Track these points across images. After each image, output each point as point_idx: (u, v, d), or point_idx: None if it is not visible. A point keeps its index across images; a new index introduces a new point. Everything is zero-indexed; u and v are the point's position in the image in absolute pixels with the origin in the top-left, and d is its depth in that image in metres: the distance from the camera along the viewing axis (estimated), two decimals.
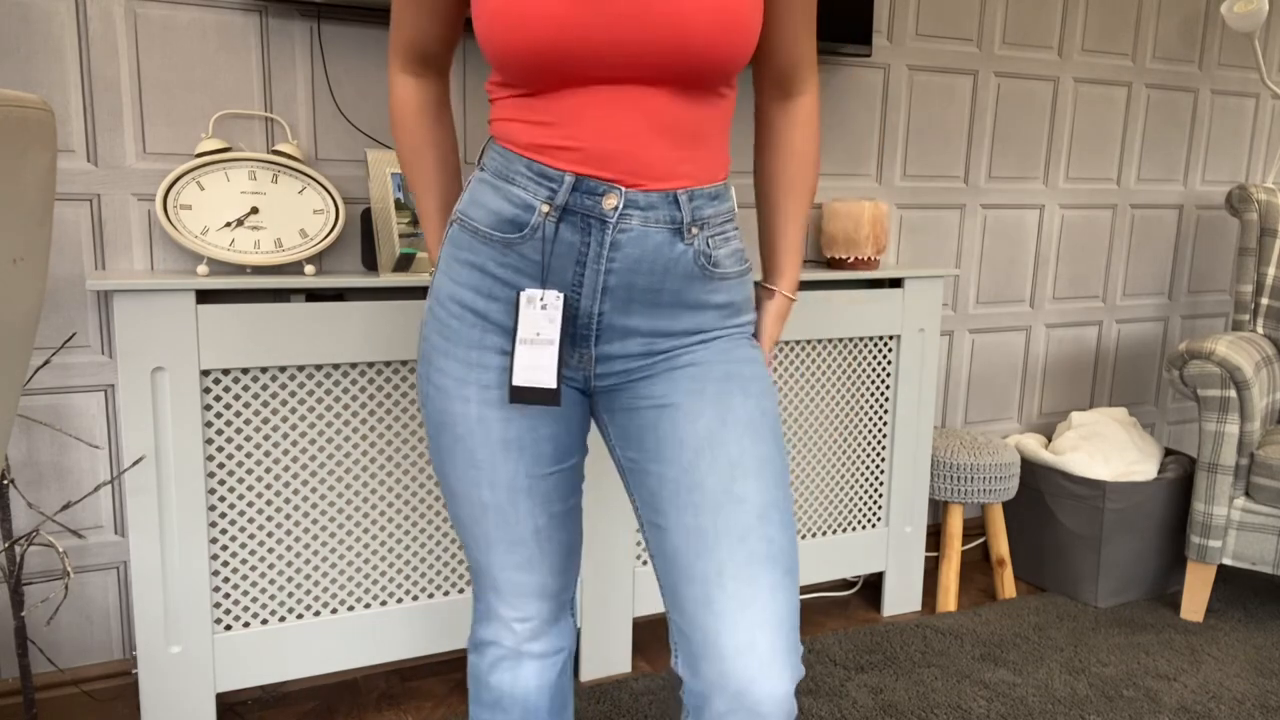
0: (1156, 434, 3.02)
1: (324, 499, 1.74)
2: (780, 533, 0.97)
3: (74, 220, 1.67)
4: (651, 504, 1.02)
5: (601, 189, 0.95)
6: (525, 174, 0.97)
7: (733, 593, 0.94)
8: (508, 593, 1.10)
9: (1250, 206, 2.49)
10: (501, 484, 1.04)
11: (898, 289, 2.16)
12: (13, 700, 1.72)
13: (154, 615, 1.61)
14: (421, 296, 1.83)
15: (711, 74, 0.95)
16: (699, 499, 0.97)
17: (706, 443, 0.98)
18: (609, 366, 1.03)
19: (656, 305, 1.00)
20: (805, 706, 1.85)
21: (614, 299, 0.99)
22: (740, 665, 0.92)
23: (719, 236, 1.02)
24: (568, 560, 1.12)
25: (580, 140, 0.95)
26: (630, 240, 0.97)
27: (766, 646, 0.92)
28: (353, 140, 1.84)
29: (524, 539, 1.07)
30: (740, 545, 0.95)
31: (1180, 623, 2.28)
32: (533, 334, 0.98)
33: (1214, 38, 2.83)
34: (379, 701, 1.87)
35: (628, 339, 1.01)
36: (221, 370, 1.62)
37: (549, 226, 0.97)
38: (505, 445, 1.02)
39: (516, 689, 1.13)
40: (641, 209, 0.96)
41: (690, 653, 0.97)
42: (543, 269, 0.98)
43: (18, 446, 1.69)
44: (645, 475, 1.02)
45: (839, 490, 2.21)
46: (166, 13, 1.68)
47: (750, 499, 0.97)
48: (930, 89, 2.42)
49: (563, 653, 1.15)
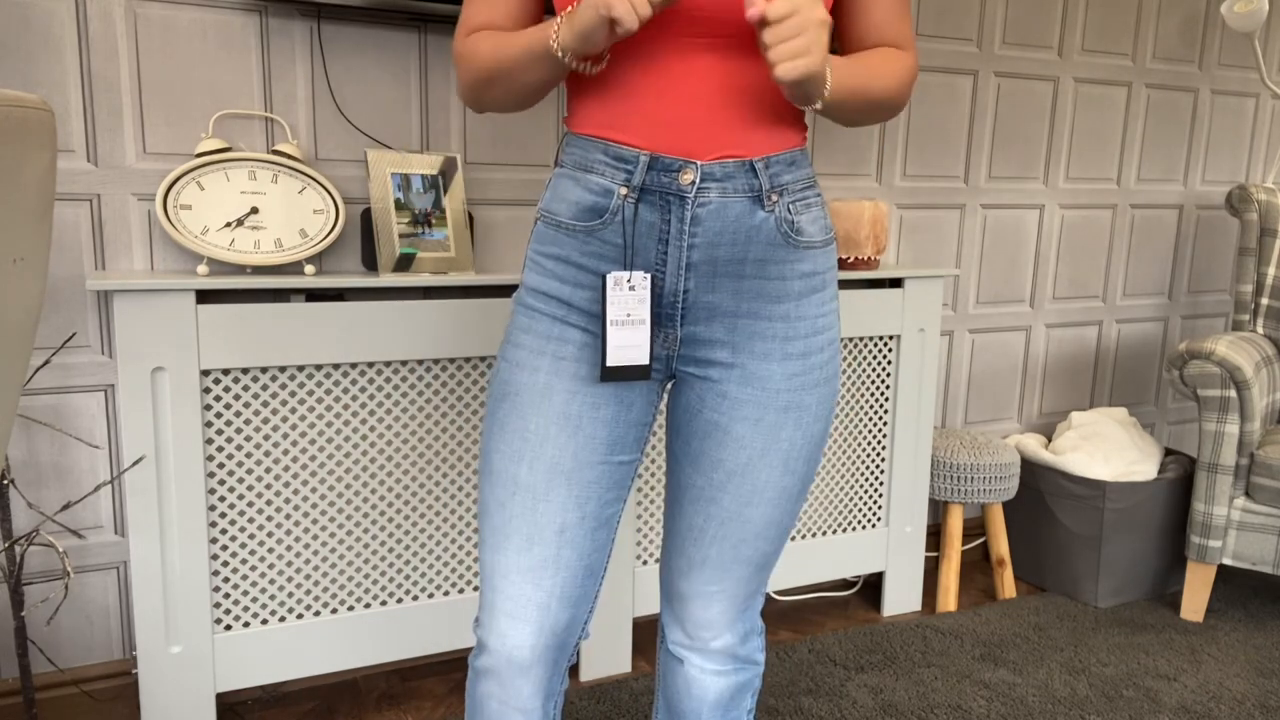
0: (1156, 434, 3.02)
1: (324, 499, 1.74)
2: (771, 545, 1.10)
3: (74, 220, 1.67)
4: (674, 493, 1.12)
5: (677, 165, 0.95)
6: (602, 160, 0.98)
7: (710, 578, 1.10)
8: (504, 610, 1.02)
9: (1250, 206, 2.49)
10: (543, 463, 1.00)
11: (898, 289, 2.16)
12: (13, 700, 1.72)
13: (154, 615, 1.61)
14: (421, 296, 1.83)
15: None
16: (712, 510, 1.07)
17: (740, 471, 1.05)
18: (693, 351, 1.03)
19: (740, 278, 1.00)
20: (805, 706, 1.85)
21: (698, 274, 0.99)
22: (700, 623, 1.14)
23: (800, 202, 1.01)
24: (582, 588, 1.04)
25: (650, 120, 0.95)
26: (710, 213, 0.97)
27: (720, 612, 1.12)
28: (353, 140, 1.84)
29: (545, 536, 1.01)
30: (730, 550, 1.09)
31: (1180, 623, 2.28)
32: (623, 315, 0.98)
33: (1214, 38, 2.83)
34: (379, 701, 1.87)
35: (713, 319, 1.01)
36: (221, 370, 1.62)
37: (628, 208, 0.97)
38: (563, 419, 1.00)
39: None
40: (718, 180, 0.96)
41: (666, 593, 1.17)
42: (625, 251, 0.98)
43: (18, 446, 1.69)
44: (677, 466, 1.10)
45: (839, 490, 2.21)
46: (166, 13, 1.68)
47: (755, 521, 1.07)
48: (930, 89, 2.42)
49: (554, 701, 1.10)
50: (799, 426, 1.04)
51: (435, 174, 1.80)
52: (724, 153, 0.96)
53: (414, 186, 1.77)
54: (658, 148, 0.95)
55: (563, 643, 1.06)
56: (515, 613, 1.02)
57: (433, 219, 1.78)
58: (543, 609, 1.02)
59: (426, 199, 1.78)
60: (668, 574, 1.16)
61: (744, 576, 1.11)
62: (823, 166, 2.32)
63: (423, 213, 1.77)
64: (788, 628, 2.23)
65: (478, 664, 1.07)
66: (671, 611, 1.17)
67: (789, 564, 2.16)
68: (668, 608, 1.18)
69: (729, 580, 1.11)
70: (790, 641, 2.14)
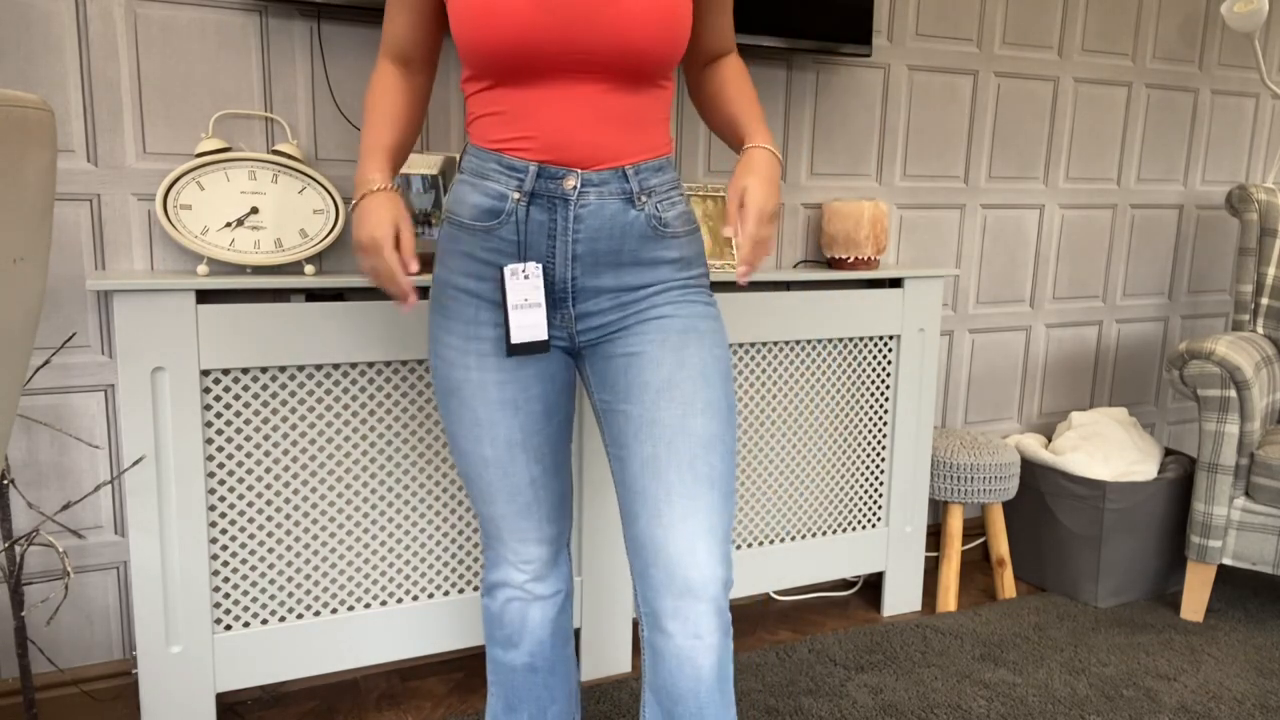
0: (1156, 434, 3.02)
1: (324, 499, 1.74)
2: (721, 461, 1.16)
3: (74, 220, 1.67)
4: (618, 439, 1.19)
5: (561, 173, 1.13)
6: (497, 169, 1.15)
7: (679, 509, 1.13)
8: (511, 538, 1.29)
9: (1250, 206, 2.49)
10: (500, 439, 1.22)
11: (898, 289, 2.16)
12: (13, 700, 1.72)
13: (154, 615, 1.61)
14: (421, 296, 1.83)
15: (652, 69, 1.12)
16: (657, 432, 1.14)
17: (665, 385, 1.15)
18: (587, 323, 1.20)
19: (619, 265, 1.17)
20: (805, 706, 1.85)
21: (583, 264, 1.17)
22: (684, 565, 1.12)
23: (666, 201, 1.19)
24: (560, 508, 1.31)
25: (540, 131, 1.12)
26: (590, 213, 1.15)
27: (705, 550, 1.12)
28: (353, 140, 1.84)
29: (521, 488, 1.25)
30: (687, 469, 1.13)
31: (1180, 623, 2.28)
32: (521, 300, 1.16)
33: (1214, 38, 2.83)
34: (379, 701, 1.87)
35: (599, 296, 1.19)
36: (221, 370, 1.62)
37: (521, 210, 1.15)
38: (502, 405, 1.21)
39: (526, 626, 1.33)
40: (596, 185, 1.14)
41: (643, 561, 1.15)
42: (519, 246, 1.16)
43: (18, 446, 1.69)
44: (614, 414, 1.20)
45: (839, 490, 2.21)
46: (166, 13, 1.68)
47: (698, 432, 1.14)
48: (930, 89, 2.42)
49: (561, 593, 1.35)
50: (701, 345, 1.17)
51: (435, 174, 1.80)
52: (601, 163, 1.14)
53: (414, 187, 1.78)
54: (545, 159, 1.13)
55: (559, 545, 1.33)
56: (519, 538, 1.29)
57: (433, 219, 1.78)
58: (539, 529, 1.29)
59: (426, 199, 1.78)
60: (639, 536, 1.14)
61: (712, 501, 1.13)
62: (823, 166, 2.32)
63: (423, 213, 1.77)
64: (788, 628, 2.23)
65: (491, 579, 1.33)
66: (655, 577, 1.14)
67: (789, 564, 2.16)
68: (652, 576, 1.14)
69: (700, 508, 1.12)
70: (790, 641, 2.14)
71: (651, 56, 1.10)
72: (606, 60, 1.09)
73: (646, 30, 1.08)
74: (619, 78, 1.12)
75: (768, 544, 2.14)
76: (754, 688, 1.91)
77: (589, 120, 1.12)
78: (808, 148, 2.29)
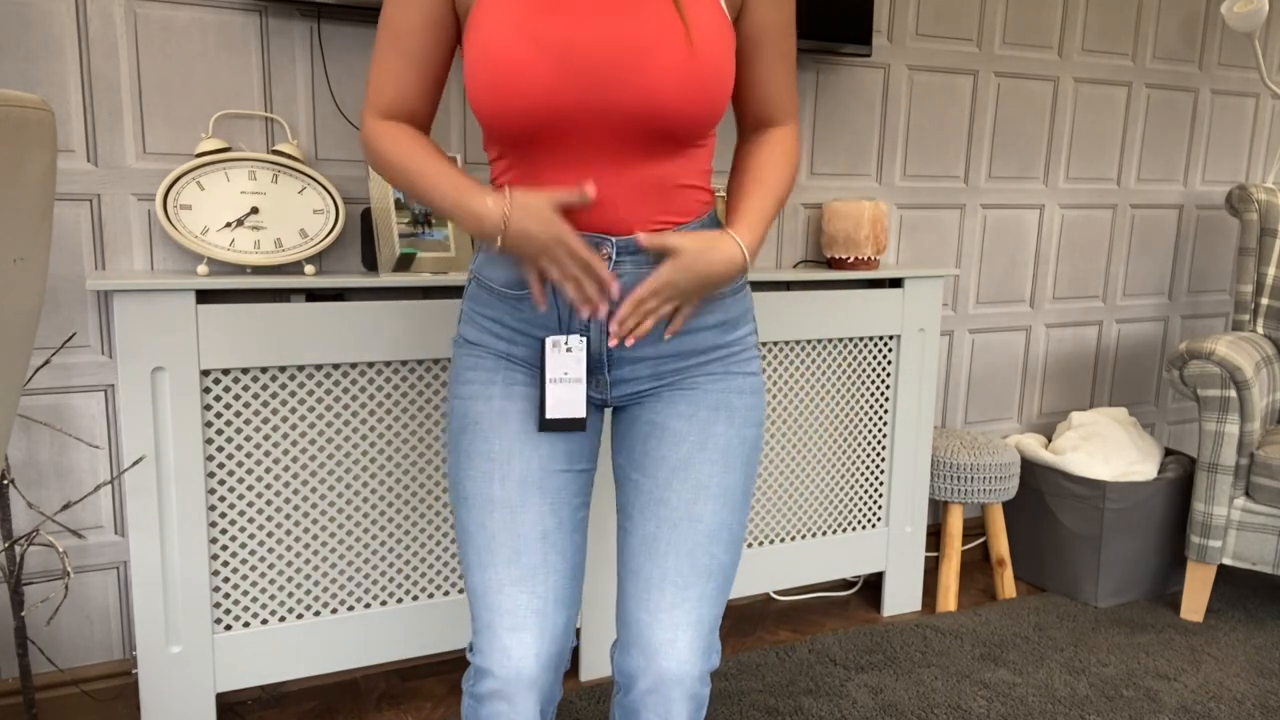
0: (1156, 434, 3.02)
1: (324, 499, 1.74)
2: (725, 552, 1.11)
3: (74, 220, 1.67)
4: (625, 509, 1.14)
5: (598, 240, 1.04)
6: None
7: (669, 597, 1.08)
8: (504, 625, 1.05)
9: (1250, 206, 2.49)
10: (514, 478, 1.07)
11: (898, 289, 2.16)
12: (13, 700, 1.72)
13: (154, 615, 1.61)
14: (421, 296, 1.83)
15: (685, 134, 1.03)
16: (663, 513, 1.09)
17: (682, 464, 1.10)
18: (622, 389, 1.13)
19: (659, 336, 1.09)
20: (805, 706, 1.85)
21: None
22: (663, 655, 1.07)
23: None
24: (570, 587, 1.09)
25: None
26: (627, 284, 1.06)
27: (686, 643, 1.08)
28: (353, 140, 1.84)
29: (530, 545, 1.07)
30: (685, 558, 1.08)
31: (1180, 623, 2.28)
32: (561, 374, 1.08)
33: (1214, 38, 2.83)
34: (379, 701, 1.87)
35: (637, 364, 1.11)
36: (221, 370, 1.62)
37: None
38: (523, 436, 1.09)
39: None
40: (632, 253, 1.05)
41: (626, 639, 1.11)
42: (558, 319, 1.08)
43: (18, 446, 1.69)
44: (627, 481, 1.14)
45: (839, 490, 2.21)
46: (166, 13, 1.68)
47: (705, 520, 1.09)
48: (930, 89, 2.42)
49: (551, 708, 1.13)
50: (730, 424, 1.11)
51: None
52: (637, 230, 1.05)
53: None
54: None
55: (562, 649, 1.10)
56: (515, 625, 1.05)
57: (433, 219, 1.78)
58: (541, 615, 1.06)
59: None
60: (626, 614, 1.11)
61: (705, 592, 1.09)
62: (823, 166, 2.32)
63: (423, 213, 1.77)
64: (788, 628, 2.23)
65: (479, 690, 1.07)
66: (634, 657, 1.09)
67: (789, 564, 2.16)
68: (631, 655, 1.10)
69: (690, 598, 1.08)
70: (790, 641, 2.14)
71: (687, 120, 1.00)
72: (638, 125, 1.00)
73: (682, 92, 0.99)
74: (653, 142, 1.02)
75: (768, 544, 2.14)
76: (754, 688, 1.91)
77: (622, 189, 1.03)
78: (808, 148, 2.29)
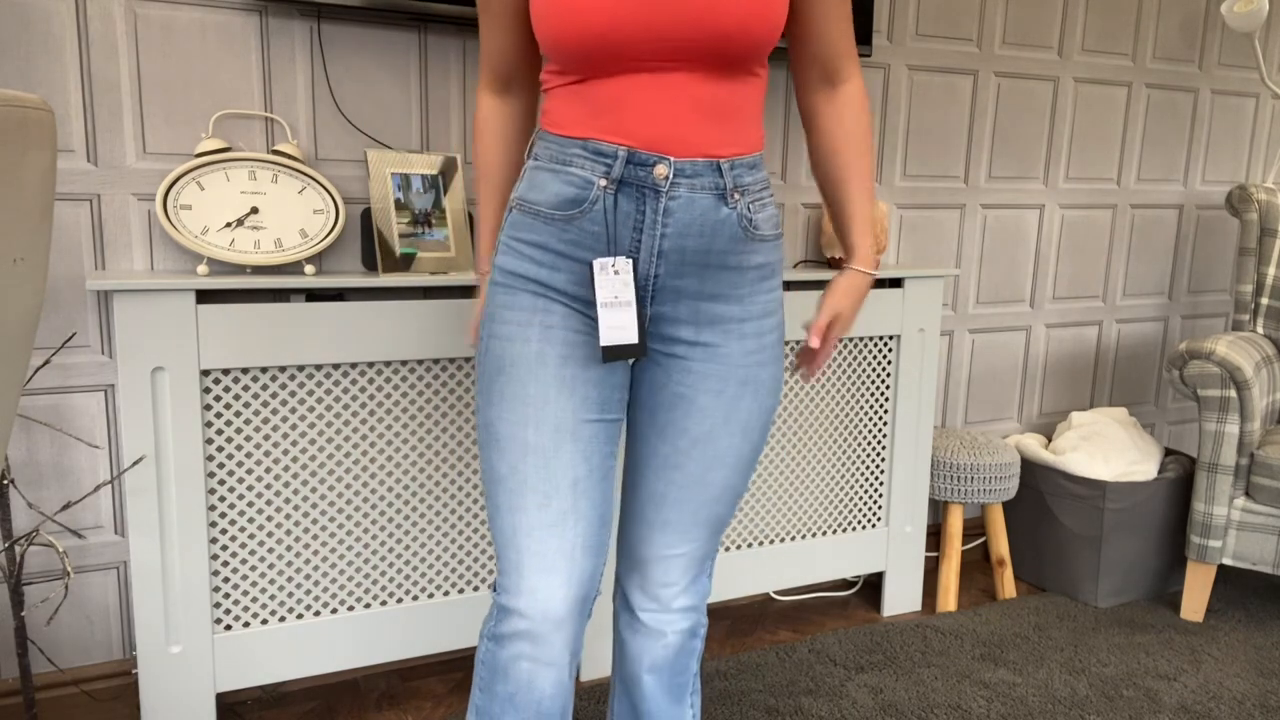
0: (1156, 434, 3.02)
1: (324, 499, 1.74)
2: (726, 509, 1.20)
3: (74, 220, 1.67)
4: (636, 465, 1.20)
5: (652, 160, 1.05)
6: (581, 154, 1.07)
7: (669, 542, 1.20)
8: (533, 566, 1.08)
9: (1250, 206, 2.49)
10: (548, 424, 1.09)
11: (898, 289, 2.16)
12: (13, 700, 1.72)
13: (154, 615, 1.61)
14: (421, 296, 1.83)
15: (745, 54, 1.05)
16: (676, 477, 1.17)
17: (704, 437, 1.15)
18: (659, 327, 1.14)
19: (704, 266, 1.10)
20: (805, 706, 1.85)
21: (668, 262, 1.09)
22: (658, 584, 1.22)
23: (758, 201, 1.12)
24: (598, 535, 1.11)
25: (628, 125, 1.05)
26: (680, 206, 1.07)
27: (679, 577, 1.22)
28: (353, 140, 1.84)
29: (561, 491, 1.08)
30: (689, 514, 1.18)
31: (1180, 623, 2.28)
32: (611, 297, 1.08)
33: (1214, 38, 2.83)
34: (379, 701, 1.87)
35: (679, 300, 1.12)
36: (221, 370, 1.62)
37: (608, 199, 1.06)
38: (559, 382, 1.09)
39: (534, 691, 1.11)
40: (688, 177, 1.06)
41: (625, 565, 1.24)
42: (606, 238, 1.08)
43: (18, 446, 1.69)
44: (642, 440, 1.19)
45: (839, 490, 2.21)
46: (166, 13, 1.68)
47: (715, 484, 1.18)
48: (930, 89, 2.42)
49: (576, 658, 1.16)
50: (755, 398, 1.16)
51: (435, 174, 1.80)
52: (694, 153, 1.06)
53: (414, 186, 1.77)
54: (639, 145, 1.05)
55: (587, 593, 1.12)
56: (545, 566, 1.08)
57: (433, 219, 1.78)
58: (569, 558, 1.09)
59: (426, 199, 1.78)
60: (627, 543, 1.24)
61: (702, 538, 1.21)
62: None
63: (423, 213, 1.77)
64: (788, 628, 2.23)
65: (502, 629, 1.10)
66: (632, 578, 1.25)
67: (789, 564, 2.16)
68: (628, 574, 1.25)
69: (688, 543, 1.20)
70: (790, 641, 2.14)
71: (743, 41, 1.03)
72: (696, 47, 1.03)
73: (738, 13, 1.02)
74: (710, 65, 1.05)
75: (768, 544, 2.14)
76: (754, 688, 1.91)
77: (681, 110, 1.05)
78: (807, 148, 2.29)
